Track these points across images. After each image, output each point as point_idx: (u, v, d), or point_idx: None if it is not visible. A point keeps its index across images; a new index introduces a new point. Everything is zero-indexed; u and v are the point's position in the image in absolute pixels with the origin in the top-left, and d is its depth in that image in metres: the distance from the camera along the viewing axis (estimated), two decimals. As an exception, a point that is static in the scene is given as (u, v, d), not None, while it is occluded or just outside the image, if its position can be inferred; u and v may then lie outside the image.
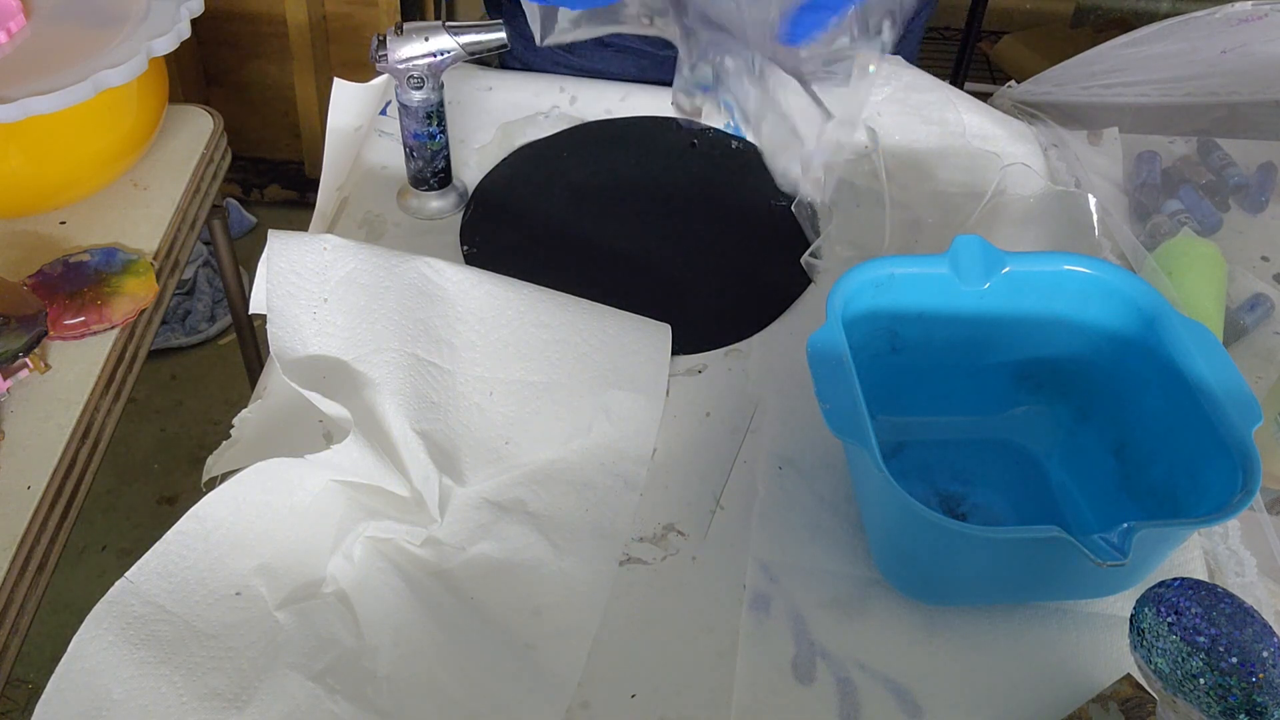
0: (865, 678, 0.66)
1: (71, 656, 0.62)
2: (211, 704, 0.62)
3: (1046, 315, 0.74)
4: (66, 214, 0.94)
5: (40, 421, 0.78)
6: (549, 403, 0.77)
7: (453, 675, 0.64)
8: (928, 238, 0.92)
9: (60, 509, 0.75)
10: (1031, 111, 1.09)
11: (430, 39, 0.85)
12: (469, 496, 0.73)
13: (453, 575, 0.69)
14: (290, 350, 0.75)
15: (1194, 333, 0.68)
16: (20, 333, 0.79)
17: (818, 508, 0.73)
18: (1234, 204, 1.00)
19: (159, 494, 1.74)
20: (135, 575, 0.65)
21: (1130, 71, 1.11)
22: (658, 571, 0.71)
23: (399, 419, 0.73)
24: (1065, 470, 0.75)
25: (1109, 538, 0.58)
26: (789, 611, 0.68)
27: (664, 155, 1.01)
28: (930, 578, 0.67)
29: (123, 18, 0.90)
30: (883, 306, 0.72)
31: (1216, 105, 1.10)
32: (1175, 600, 0.53)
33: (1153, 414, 0.70)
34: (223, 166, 1.06)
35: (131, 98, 0.92)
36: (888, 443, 0.77)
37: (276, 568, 0.68)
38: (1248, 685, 0.50)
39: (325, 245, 0.77)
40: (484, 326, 0.78)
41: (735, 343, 0.85)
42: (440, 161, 0.92)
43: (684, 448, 0.78)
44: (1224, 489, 0.62)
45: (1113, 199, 0.99)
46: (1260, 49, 1.09)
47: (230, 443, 0.74)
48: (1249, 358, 0.86)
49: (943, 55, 2.24)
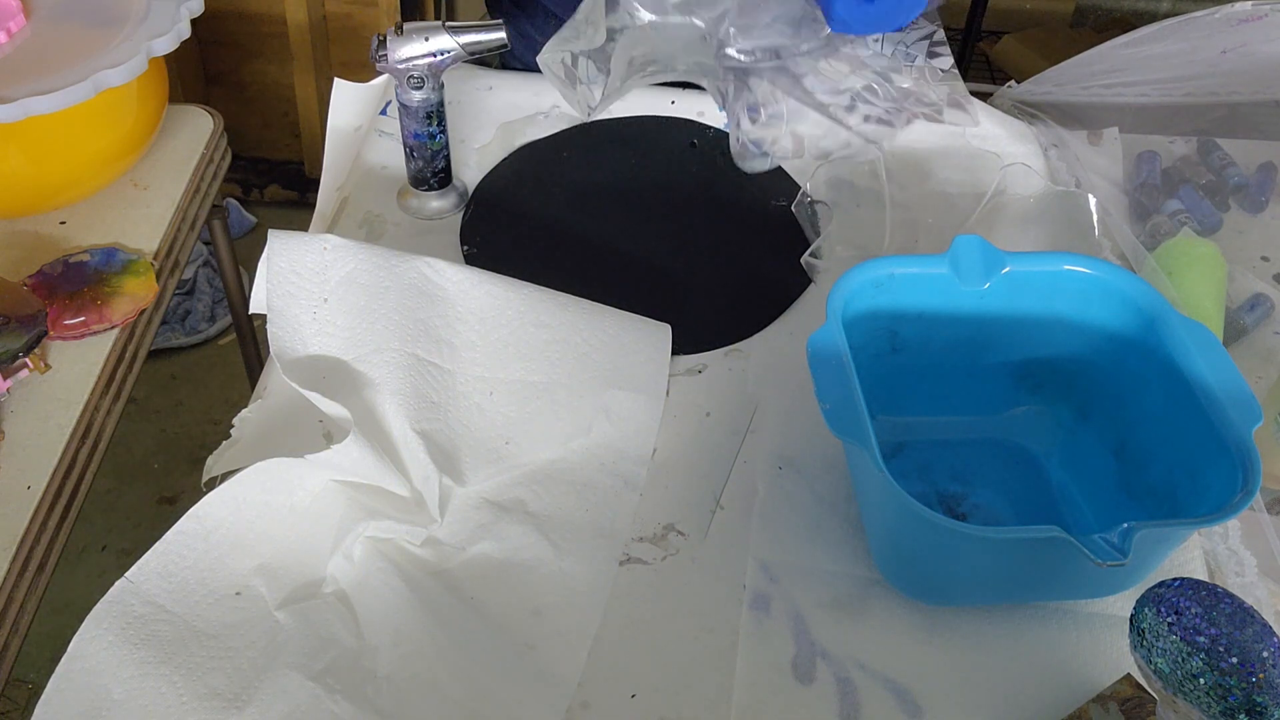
0: (865, 678, 0.66)
1: (71, 656, 0.62)
2: (211, 704, 0.62)
3: (1046, 315, 0.74)
4: (66, 214, 0.94)
5: (40, 421, 0.78)
6: (549, 403, 0.77)
7: (453, 675, 0.64)
8: (928, 238, 0.92)
9: (60, 509, 0.75)
10: (1031, 111, 1.09)
11: (430, 39, 0.85)
12: (469, 496, 0.73)
13: (453, 575, 0.69)
14: (290, 350, 0.75)
15: (1194, 333, 0.68)
16: (20, 333, 0.79)
17: (818, 508, 0.73)
18: (1234, 204, 1.00)
19: (159, 494, 1.74)
20: (135, 575, 0.65)
21: (1130, 71, 1.11)
22: (658, 571, 0.71)
23: (399, 419, 0.73)
24: (1065, 470, 0.75)
25: (1109, 538, 0.58)
26: (789, 611, 0.68)
27: (664, 155, 1.01)
28: (930, 578, 0.67)
29: (123, 18, 0.90)
30: (883, 306, 0.72)
31: (1216, 105, 1.10)
32: (1175, 600, 0.53)
33: (1153, 414, 0.70)
34: (223, 166, 1.06)
35: (131, 98, 0.92)
36: (888, 443, 0.77)
37: (276, 568, 0.68)
38: (1248, 685, 0.50)
39: (325, 245, 0.77)
40: (484, 326, 0.78)
41: (735, 343, 0.85)
42: (440, 161, 0.92)
43: (684, 448, 0.78)
44: (1224, 489, 0.62)
45: (1113, 199, 0.99)
46: (1260, 49, 1.09)
47: (230, 443, 0.74)
48: (1249, 358, 0.86)
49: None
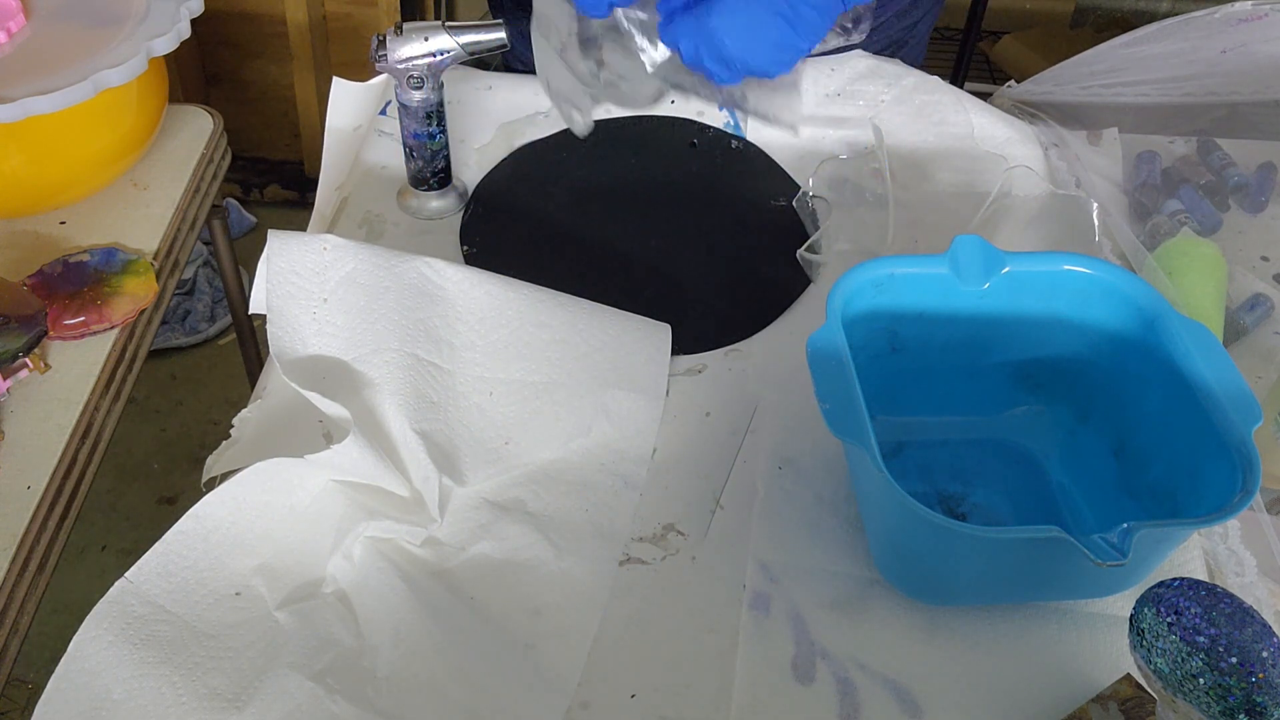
0: (865, 678, 0.66)
1: (71, 656, 0.62)
2: (211, 704, 0.62)
3: (1046, 315, 0.74)
4: (66, 214, 0.94)
5: (40, 421, 0.78)
6: (549, 403, 0.77)
7: (453, 675, 0.64)
8: (928, 238, 0.92)
9: (60, 509, 0.75)
10: (1031, 111, 1.09)
11: (430, 39, 0.85)
12: (469, 496, 0.73)
13: (453, 575, 0.69)
14: (290, 350, 0.75)
15: (1194, 333, 0.68)
16: (20, 333, 0.79)
17: (818, 508, 0.73)
18: (1234, 204, 1.00)
19: (159, 494, 1.74)
20: (135, 575, 0.65)
21: (1130, 71, 1.11)
22: (658, 571, 0.71)
23: (399, 419, 0.73)
24: (1065, 470, 0.75)
25: (1109, 538, 0.58)
26: (789, 611, 0.68)
27: (664, 155, 1.01)
28: (930, 578, 0.67)
29: (123, 18, 0.90)
30: (883, 306, 0.72)
31: (1216, 105, 1.10)
32: (1175, 600, 0.53)
33: (1153, 414, 0.70)
34: (223, 166, 1.06)
35: (131, 98, 0.92)
36: (888, 443, 0.77)
37: (276, 568, 0.68)
38: (1248, 685, 0.50)
39: (325, 245, 0.77)
40: (484, 326, 0.78)
41: (735, 343, 0.85)
42: (440, 161, 0.92)
43: (684, 448, 0.77)
44: (1224, 489, 0.62)
45: (1113, 199, 0.99)
46: (1260, 49, 1.09)
47: (230, 443, 0.74)
48: (1249, 358, 0.86)
49: (943, 55, 2.24)
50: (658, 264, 0.91)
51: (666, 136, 1.02)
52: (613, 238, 0.93)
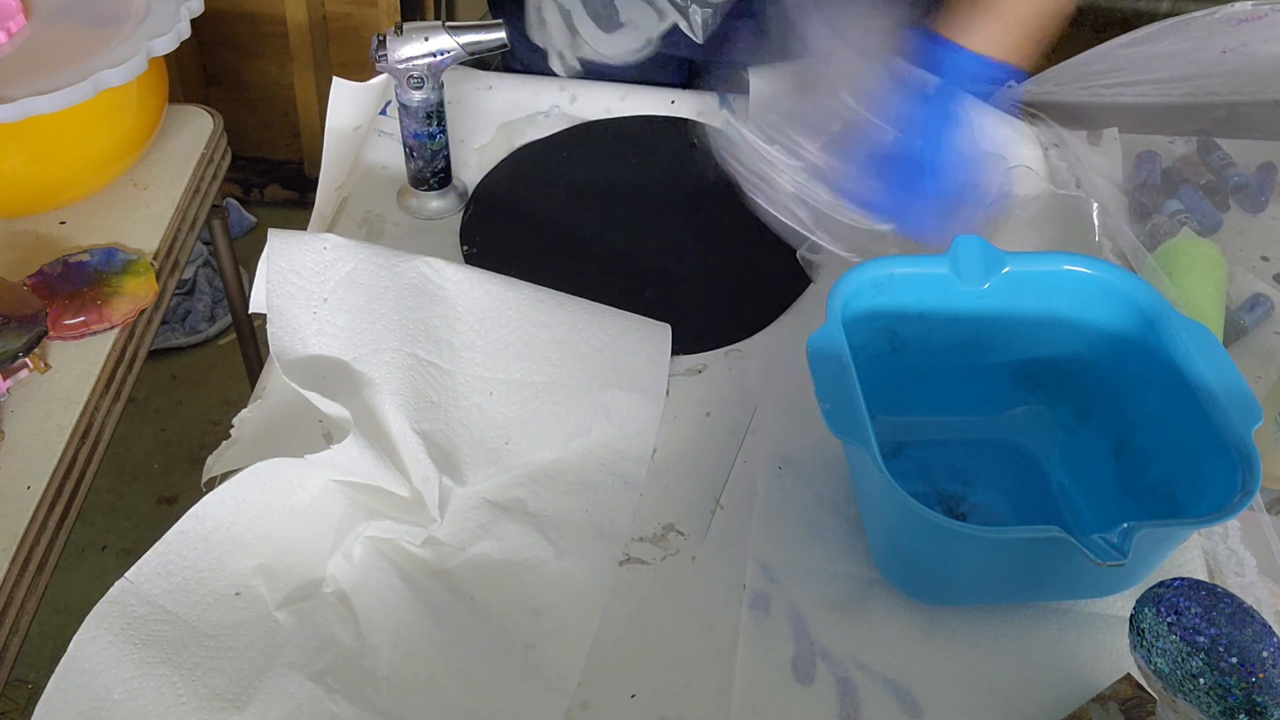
0: (865, 678, 0.66)
1: (71, 656, 0.62)
2: (211, 704, 0.62)
3: (1046, 315, 0.74)
4: (66, 214, 0.94)
5: (40, 421, 0.78)
6: (549, 403, 0.77)
7: (453, 675, 0.64)
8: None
9: (60, 509, 0.75)
10: (1032, 111, 1.09)
11: (430, 39, 0.85)
12: (469, 496, 0.73)
13: (453, 575, 0.69)
14: (290, 350, 0.75)
15: (1194, 333, 0.68)
16: (20, 333, 0.79)
17: (818, 508, 0.73)
18: (1234, 204, 1.00)
19: (159, 494, 1.74)
20: (135, 575, 0.65)
21: (1130, 71, 1.11)
22: (658, 571, 0.71)
23: (399, 419, 0.73)
24: (1065, 470, 0.75)
25: (1109, 538, 0.58)
26: (789, 611, 0.68)
27: (664, 155, 1.01)
28: (930, 578, 0.67)
29: (123, 18, 0.90)
30: (883, 306, 0.72)
31: (1216, 105, 1.10)
32: (1175, 600, 0.53)
33: (1153, 414, 0.70)
34: (223, 166, 1.06)
35: (131, 98, 0.92)
36: (888, 443, 0.77)
37: (276, 568, 0.68)
38: (1248, 685, 0.50)
39: (325, 245, 0.77)
40: (484, 326, 0.78)
41: (735, 343, 0.85)
42: (440, 161, 0.92)
43: (684, 448, 0.77)
44: (1224, 489, 0.62)
45: (1113, 199, 0.99)
46: (1260, 49, 1.09)
47: (230, 443, 0.74)
48: (1249, 358, 0.86)
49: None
50: (658, 264, 0.91)
51: (666, 136, 1.02)
52: (613, 238, 0.93)
